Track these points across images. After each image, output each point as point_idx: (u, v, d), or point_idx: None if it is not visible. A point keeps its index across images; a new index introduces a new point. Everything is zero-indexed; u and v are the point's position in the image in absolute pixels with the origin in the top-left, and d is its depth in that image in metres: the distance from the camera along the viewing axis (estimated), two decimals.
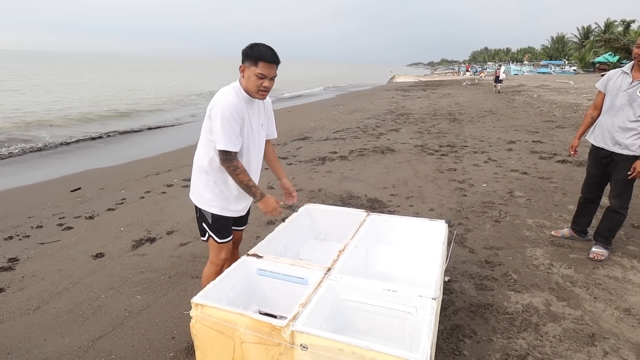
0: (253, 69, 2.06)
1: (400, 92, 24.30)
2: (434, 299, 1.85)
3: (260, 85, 2.09)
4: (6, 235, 4.29)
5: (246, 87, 2.13)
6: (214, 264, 2.39)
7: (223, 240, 2.35)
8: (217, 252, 2.37)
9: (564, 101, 14.64)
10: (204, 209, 2.30)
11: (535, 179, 5.49)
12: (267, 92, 2.16)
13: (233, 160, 2.13)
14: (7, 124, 12.16)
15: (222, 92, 2.14)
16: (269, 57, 2.05)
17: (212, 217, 2.30)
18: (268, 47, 2.08)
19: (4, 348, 2.50)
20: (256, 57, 2.05)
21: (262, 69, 2.05)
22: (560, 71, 49.95)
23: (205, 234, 2.35)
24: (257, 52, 2.05)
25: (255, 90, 2.11)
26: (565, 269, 3.17)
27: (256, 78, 2.07)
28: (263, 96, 2.17)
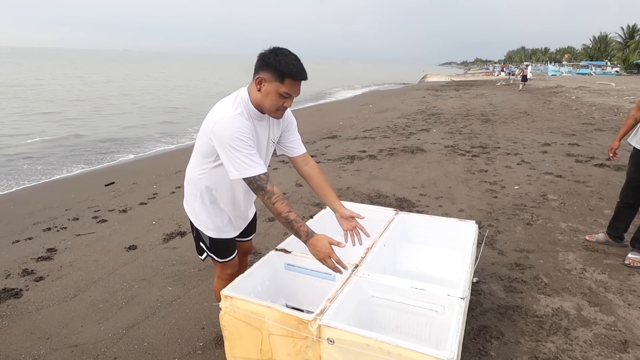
0: (276, 85, 1.68)
1: (431, 91, 23.95)
2: (463, 298, 1.83)
3: (281, 105, 1.74)
4: (45, 227, 4.50)
5: (260, 103, 1.75)
6: (222, 279, 2.19)
7: (225, 260, 2.14)
8: (222, 269, 2.18)
9: (604, 103, 14.04)
10: (200, 229, 2.04)
11: (570, 183, 5.30)
12: (285, 111, 1.83)
13: (266, 185, 1.72)
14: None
15: (226, 110, 1.74)
16: (298, 74, 1.68)
17: (210, 240, 2.06)
18: (296, 59, 1.70)
19: (44, 333, 2.63)
20: (283, 73, 1.66)
21: (288, 88, 1.69)
22: (601, 72, 47.84)
23: (203, 253, 2.12)
24: (285, 65, 1.65)
25: (274, 109, 1.75)
26: (599, 274, 3.05)
27: (278, 97, 1.71)
28: (280, 116, 1.82)
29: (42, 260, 3.68)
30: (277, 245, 2.38)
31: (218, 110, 1.76)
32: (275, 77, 1.68)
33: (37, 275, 3.39)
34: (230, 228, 2.12)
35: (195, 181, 1.99)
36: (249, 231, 2.36)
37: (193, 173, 1.99)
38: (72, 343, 2.52)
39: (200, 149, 1.88)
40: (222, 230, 2.08)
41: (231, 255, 2.18)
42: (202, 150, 1.87)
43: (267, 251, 3.56)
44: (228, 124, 1.69)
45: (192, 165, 2.00)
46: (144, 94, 22.68)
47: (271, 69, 1.68)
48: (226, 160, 1.72)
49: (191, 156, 2.01)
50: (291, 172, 6.39)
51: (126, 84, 29.03)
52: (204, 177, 1.95)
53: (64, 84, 27.64)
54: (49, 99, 18.54)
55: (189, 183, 2.05)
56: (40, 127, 11.88)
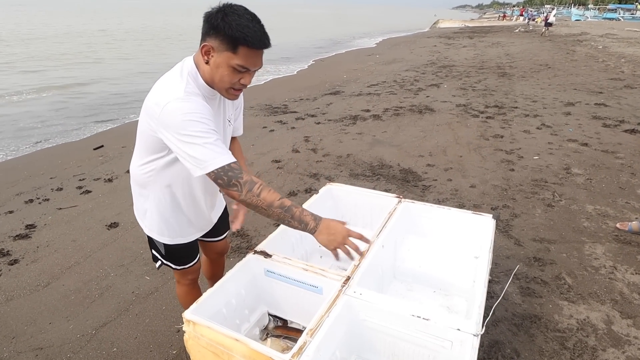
0: (228, 56, 1.28)
1: (443, 39, 22.63)
2: (476, 335, 1.49)
3: (236, 82, 1.34)
4: (27, 198, 4.24)
5: (210, 78, 1.35)
6: (182, 284, 1.92)
7: (184, 267, 1.82)
8: (181, 275, 1.87)
9: (634, 54, 12.95)
10: (152, 237, 1.71)
11: (597, 153, 4.78)
12: (241, 91, 1.42)
13: (241, 175, 1.30)
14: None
15: (172, 89, 1.31)
16: (256, 41, 1.26)
17: (164, 247, 1.73)
18: (254, 20, 1.28)
19: (11, 330, 2.42)
20: (236, 39, 1.24)
21: (243, 59, 1.28)
22: (631, 17, 44.60)
23: (157, 261, 1.81)
24: (237, 29, 1.23)
25: (226, 86, 1.35)
26: (632, 274, 2.66)
27: (231, 72, 1.30)
28: (236, 96, 1.42)
29: (19, 239, 3.46)
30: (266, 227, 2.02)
31: (162, 91, 1.32)
32: (225, 46, 1.27)
33: (12, 257, 3.19)
34: (191, 230, 1.76)
35: (142, 181, 1.59)
36: (221, 229, 1.98)
37: (139, 172, 1.57)
38: (38, 345, 2.30)
39: (145, 142, 1.47)
40: (180, 235, 1.72)
41: (192, 261, 1.84)
42: (147, 144, 1.46)
43: (255, 232, 3.33)
44: (178, 108, 1.26)
45: (136, 161, 1.58)
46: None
47: (220, 35, 1.26)
48: (183, 155, 1.29)
49: (134, 150, 1.59)
50: (288, 135, 5.96)
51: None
52: (152, 176, 1.55)
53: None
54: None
55: (135, 183, 1.65)
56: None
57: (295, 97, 8.71)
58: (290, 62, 15.35)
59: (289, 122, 6.71)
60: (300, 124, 6.60)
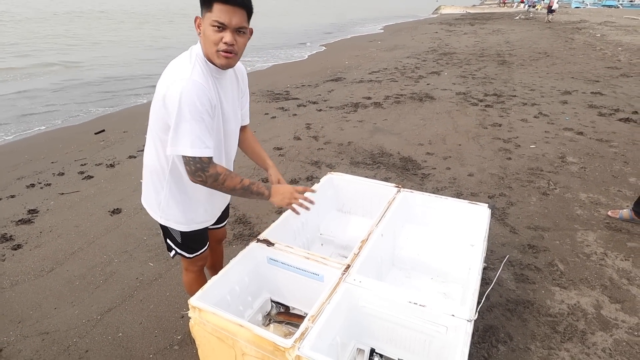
0: (207, 16, 1.38)
1: (445, 26, 22.43)
2: (470, 321, 1.55)
3: (218, 40, 1.39)
4: (28, 183, 4.27)
5: (205, 49, 1.45)
6: (190, 272, 1.99)
7: (196, 254, 1.89)
8: (191, 263, 1.94)
9: (631, 43, 12.92)
10: (169, 226, 1.76)
11: (592, 142, 4.84)
12: (231, 53, 1.43)
13: (208, 168, 1.44)
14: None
15: (180, 69, 1.43)
16: None
17: (181, 235, 1.79)
18: None
19: (16, 315, 2.47)
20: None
21: (218, 14, 1.35)
22: (629, 5, 44.30)
23: (171, 250, 1.87)
24: None
25: (213, 50, 1.41)
26: (622, 260, 2.75)
27: (212, 30, 1.38)
28: (227, 59, 1.44)
29: (22, 224, 3.49)
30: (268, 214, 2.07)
31: (173, 71, 1.45)
32: (205, 9, 1.40)
33: (15, 242, 3.22)
34: (206, 217, 1.83)
35: (159, 169, 1.65)
36: (223, 217, 2.07)
37: (155, 160, 1.64)
38: (44, 329, 2.36)
39: (160, 127, 1.53)
40: (196, 222, 1.79)
41: (203, 247, 1.93)
42: (162, 127, 1.52)
43: (258, 220, 3.38)
44: (186, 88, 1.38)
45: (152, 150, 1.64)
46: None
47: (202, 3, 1.40)
48: (172, 130, 1.40)
49: (147, 139, 1.65)
50: (289, 122, 5.98)
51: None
52: (169, 162, 1.61)
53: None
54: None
55: (150, 172, 1.70)
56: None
57: (297, 83, 8.69)
58: (290, 47, 15.23)
59: (290, 108, 6.72)
60: (301, 110, 6.61)
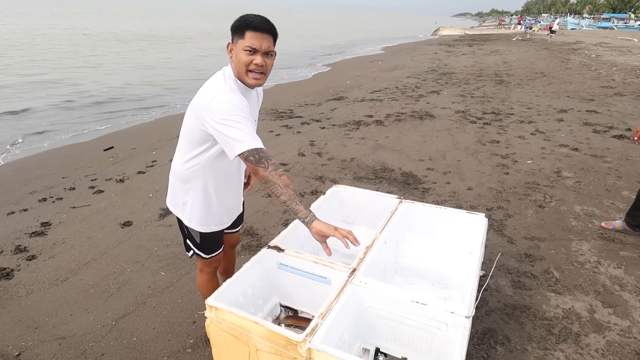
0: (240, 42, 1.61)
1: (444, 47, 22.94)
2: (468, 317, 1.67)
3: (249, 62, 1.61)
4: (41, 197, 4.40)
5: (237, 71, 1.66)
6: (205, 273, 2.12)
7: (212, 255, 2.04)
8: (206, 264, 2.08)
9: (625, 63, 13.26)
10: (190, 227, 1.92)
11: (587, 157, 5.01)
12: (261, 74, 1.66)
13: (270, 158, 1.56)
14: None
15: (217, 88, 1.63)
16: (257, 23, 1.59)
17: (200, 236, 1.94)
18: (258, 15, 1.64)
19: (33, 321, 2.56)
20: (242, 26, 1.60)
21: (250, 40, 1.59)
22: (624, 26, 45.16)
23: (190, 250, 2.02)
24: (243, 19, 1.61)
25: (245, 70, 1.63)
26: (615, 268, 2.87)
27: (245, 53, 1.60)
28: (256, 80, 1.66)
29: (35, 236, 3.60)
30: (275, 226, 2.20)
31: (210, 89, 1.64)
32: (237, 36, 1.63)
33: (29, 253, 3.33)
34: (225, 219, 2.00)
35: (186, 175, 1.83)
36: (238, 221, 2.22)
37: (183, 166, 1.82)
38: (60, 335, 2.45)
39: (191, 136, 1.72)
40: (214, 223, 1.95)
41: (219, 249, 2.08)
42: (193, 137, 1.71)
43: (265, 232, 3.51)
44: (226, 98, 1.57)
45: (180, 157, 1.82)
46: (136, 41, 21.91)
47: (235, 31, 1.64)
48: (221, 137, 1.56)
49: (177, 147, 1.84)
50: (294, 139, 6.16)
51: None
52: (197, 169, 1.80)
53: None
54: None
55: (177, 178, 1.88)
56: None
57: (300, 102, 8.92)
58: (294, 68, 15.58)
59: (294, 126, 6.91)
60: (305, 128, 6.80)
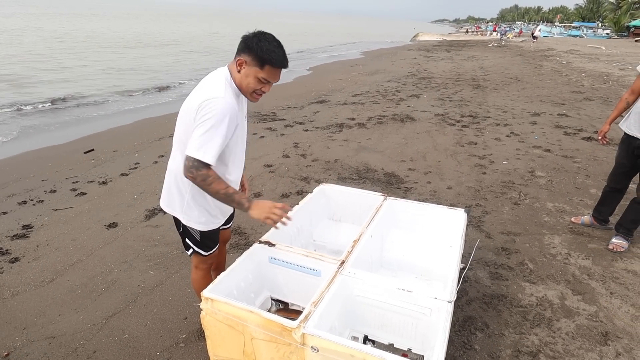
0: (256, 70, 1.71)
1: (423, 52, 23.42)
2: (450, 302, 1.79)
3: (259, 89, 1.77)
4: (20, 200, 4.32)
5: (240, 84, 1.77)
6: (200, 269, 2.17)
7: (210, 252, 2.10)
8: (202, 261, 2.13)
9: (594, 70, 13.88)
10: (189, 226, 1.97)
11: (558, 158, 5.27)
12: (261, 96, 1.84)
13: (201, 169, 1.67)
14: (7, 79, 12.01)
15: (215, 89, 1.71)
16: (278, 62, 1.70)
17: (200, 234, 2.00)
18: (279, 47, 1.72)
19: (20, 322, 2.54)
20: (264, 59, 1.68)
21: (267, 74, 1.72)
22: (592, 34, 47.06)
23: (189, 249, 2.07)
24: (266, 52, 1.67)
25: (251, 92, 1.78)
26: (583, 259, 3.07)
27: (256, 81, 1.73)
28: (256, 99, 1.84)
29: (17, 239, 3.55)
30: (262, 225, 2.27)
31: (210, 89, 1.72)
32: (255, 62, 1.70)
33: (12, 255, 3.28)
34: (221, 218, 2.06)
35: (178, 171, 1.85)
36: (230, 217, 2.28)
37: (178, 163, 1.84)
38: (50, 334, 2.45)
39: (187, 136, 1.75)
40: (213, 222, 2.01)
41: (216, 245, 2.15)
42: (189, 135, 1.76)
43: (252, 230, 3.57)
44: (223, 107, 1.66)
45: (178, 156, 1.85)
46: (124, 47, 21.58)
47: (252, 54, 1.69)
48: (199, 135, 1.65)
49: (174, 147, 1.89)
50: (278, 141, 6.23)
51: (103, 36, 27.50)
52: None
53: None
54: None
55: (175, 178, 1.91)
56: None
57: (283, 105, 8.99)
58: None
59: (278, 129, 6.98)
60: (289, 130, 6.88)
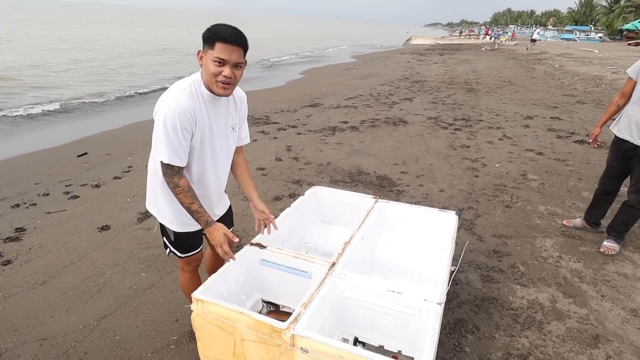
0: (210, 53, 1.64)
1: (416, 55, 23.54)
2: (440, 304, 1.80)
3: (218, 73, 1.65)
4: (13, 203, 4.31)
5: (205, 78, 1.72)
6: (185, 271, 2.18)
7: (187, 255, 2.09)
8: (185, 263, 2.14)
9: (586, 73, 14.02)
10: (164, 224, 1.99)
11: (550, 161, 5.32)
12: (230, 84, 1.70)
13: (174, 176, 1.73)
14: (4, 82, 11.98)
15: (173, 90, 1.72)
16: (227, 36, 1.61)
17: (174, 234, 2.00)
18: (230, 27, 1.65)
19: (12, 324, 2.54)
20: (212, 37, 1.62)
21: (219, 51, 1.62)
22: (585, 38, 47.61)
23: (167, 248, 2.08)
24: (214, 30, 1.63)
25: (213, 80, 1.67)
26: (575, 262, 3.09)
27: (213, 64, 1.64)
28: (225, 90, 1.70)
29: (10, 242, 3.54)
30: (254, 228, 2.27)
31: (168, 91, 1.75)
32: (207, 46, 1.66)
33: (4, 258, 3.27)
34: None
35: (155, 174, 1.91)
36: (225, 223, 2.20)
37: (153, 166, 1.90)
38: (41, 336, 2.45)
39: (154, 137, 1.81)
40: (187, 224, 1.98)
41: (195, 249, 2.12)
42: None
43: (244, 233, 3.57)
44: (170, 107, 1.67)
45: (152, 157, 1.90)
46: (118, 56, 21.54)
47: (204, 40, 1.67)
48: (159, 139, 1.71)
49: (152, 148, 1.89)
50: (271, 144, 6.24)
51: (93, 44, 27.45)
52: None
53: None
54: None
55: (151, 176, 1.96)
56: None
57: (276, 108, 9.01)
58: (269, 75, 15.68)
59: (271, 132, 6.99)
60: (282, 134, 6.89)
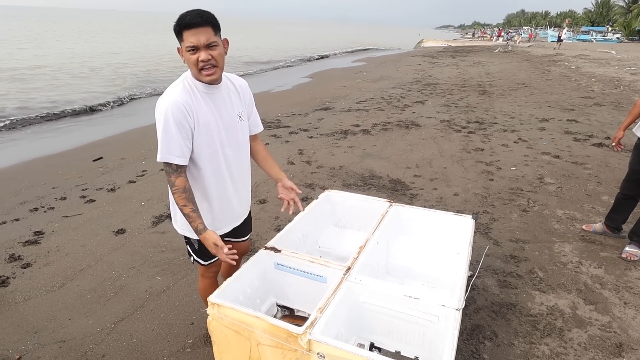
0: (182, 44, 1.63)
1: (427, 58, 23.43)
2: (458, 310, 1.78)
3: (196, 61, 1.62)
4: (32, 207, 4.39)
5: (192, 72, 1.71)
6: (205, 278, 2.18)
7: (210, 262, 2.10)
8: (206, 270, 2.15)
9: (604, 74, 13.77)
10: (186, 235, 1.99)
11: (568, 164, 5.22)
12: (212, 68, 1.66)
13: (171, 174, 1.71)
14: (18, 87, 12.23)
15: (168, 89, 1.72)
16: (189, 20, 1.57)
17: (198, 243, 1.97)
18: (191, 10, 1.63)
19: (32, 326, 2.59)
20: (179, 29, 1.60)
21: (188, 39, 1.59)
22: (602, 39, 46.84)
23: (191, 257, 2.10)
24: (177, 22, 1.60)
25: (196, 70, 1.65)
26: (595, 268, 3.02)
27: (189, 54, 1.62)
28: (210, 75, 1.67)
29: (29, 245, 3.61)
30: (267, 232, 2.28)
31: (164, 93, 1.75)
32: (179, 39, 1.65)
33: (24, 261, 3.33)
34: (218, 225, 2.01)
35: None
36: (244, 231, 2.26)
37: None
38: (60, 338, 2.48)
39: None
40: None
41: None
42: None
43: (258, 237, 3.58)
44: (164, 105, 1.66)
45: None
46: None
47: (175, 35, 1.65)
48: (160, 139, 1.70)
49: None
50: (283, 148, 6.26)
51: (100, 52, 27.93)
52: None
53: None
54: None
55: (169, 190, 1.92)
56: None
57: (287, 112, 9.03)
58: (278, 78, 15.76)
59: (282, 136, 7.01)
60: (293, 137, 6.90)
